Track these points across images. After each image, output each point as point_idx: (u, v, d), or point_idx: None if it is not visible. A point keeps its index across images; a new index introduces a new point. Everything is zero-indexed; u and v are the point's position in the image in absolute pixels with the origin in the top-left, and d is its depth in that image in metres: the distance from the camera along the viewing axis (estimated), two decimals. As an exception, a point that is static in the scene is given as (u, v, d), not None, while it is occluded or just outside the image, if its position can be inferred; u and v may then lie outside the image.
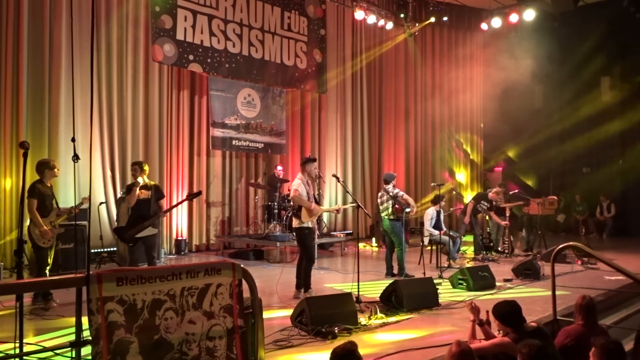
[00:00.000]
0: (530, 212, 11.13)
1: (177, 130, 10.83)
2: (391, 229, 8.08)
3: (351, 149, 14.20)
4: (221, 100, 11.29)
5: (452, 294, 6.89)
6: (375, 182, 14.89)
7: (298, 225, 6.55)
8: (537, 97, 17.26)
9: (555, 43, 15.82)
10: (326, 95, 13.56)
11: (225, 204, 11.61)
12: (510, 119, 15.85)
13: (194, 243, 11.01)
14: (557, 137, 16.54)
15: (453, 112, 16.79)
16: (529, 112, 16.36)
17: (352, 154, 14.22)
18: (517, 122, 16.11)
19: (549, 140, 16.52)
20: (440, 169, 16.32)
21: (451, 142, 16.68)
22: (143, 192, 6.32)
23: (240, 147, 11.63)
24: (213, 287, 3.14)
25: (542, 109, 16.97)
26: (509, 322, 3.82)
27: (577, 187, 15.85)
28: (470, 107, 17.34)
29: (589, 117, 15.50)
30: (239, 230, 11.74)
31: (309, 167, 6.64)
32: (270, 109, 12.21)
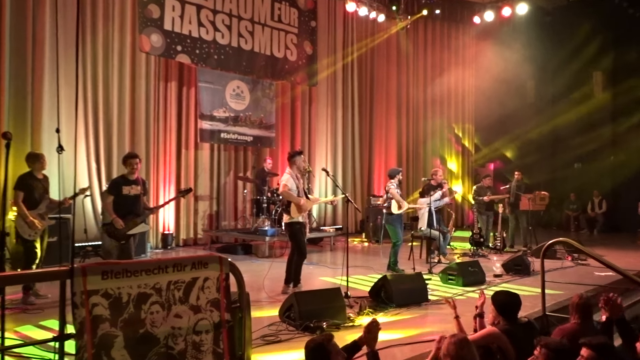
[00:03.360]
0: (521, 207, 11.22)
1: (165, 123, 10.76)
2: (387, 222, 8.27)
3: (341, 143, 14.21)
4: (209, 92, 11.23)
5: (442, 289, 6.94)
6: (366, 177, 14.93)
7: (289, 220, 6.56)
8: (529, 92, 17.37)
9: (548, 37, 15.92)
10: (316, 88, 13.54)
11: (213, 198, 11.57)
12: (502, 113, 15.94)
13: (181, 237, 10.98)
14: (548, 132, 16.67)
15: (445, 105, 16.86)
16: (521, 106, 16.48)
17: (342, 147, 14.23)
18: (509, 117, 16.22)
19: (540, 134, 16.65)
20: (431, 157, 16.37)
21: (443, 134, 16.76)
22: (134, 187, 6.27)
23: (229, 140, 11.59)
24: (200, 281, 3.13)
25: (534, 104, 17.10)
26: (505, 312, 3.89)
27: (568, 183, 16.01)
28: (462, 101, 17.43)
29: (580, 112, 15.64)
30: (227, 225, 11.72)
31: (297, 160, 6.64)
32: (259, 102, 12.17)
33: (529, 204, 10.95)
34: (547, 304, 5.42)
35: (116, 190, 6.15)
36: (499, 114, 15.92)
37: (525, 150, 16.87)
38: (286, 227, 6.77)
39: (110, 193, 6.18)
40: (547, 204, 11.83)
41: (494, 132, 17.32)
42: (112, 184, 6.30)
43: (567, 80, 15.92)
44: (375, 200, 12.54)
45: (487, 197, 10.74)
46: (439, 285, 7.24)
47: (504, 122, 16.45)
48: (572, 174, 16.18)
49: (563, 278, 7.33)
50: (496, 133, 17.26)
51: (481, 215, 10.94)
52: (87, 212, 9.45)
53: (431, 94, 16.36)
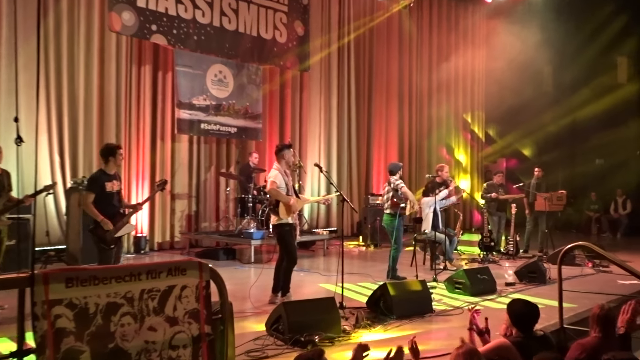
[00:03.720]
0: (536, 208, 11.28)
1: (138, 112, 10.73)
2: (388, 224, 8.26)
3: (336, 135, 14.22)
4: (188, 78, 11.20)
5: (447, 299, 6.97)
6: (363, 173, 14.95)
7: (277, 222, 6.55)
8: (546, 79, 17.46)
9: (567, 18, 15.98)
10: (309, 74, 13.54)
11: (192, 196, 11.56)
12: (515, 103, 16.01)
13: (156, 240, 10.95)
14: (567, 124, 16.76)
15: (452, 94, 16.92)
16: (537, 95, 16.55)
17: (337, 140, 14.24)
18: (523, 107, 16.29)
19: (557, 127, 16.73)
20: (437, 148, 16.42)
21: (450, 123, 16.81)
22: (115, 183, 6.20)
23: (210, 131, 11.56)
24: (177, 289, 3.12)
25: (551, 92, 17.18)
26: (520, 324, 3.91)
27: (588, 181, 16.10)
28: (471, 89, 17.49)
29: (603, 102, 15.72)
30: (207, 226, 11.70)
31: (285, 154, 6.64)
32: (244, 89, 12.15)
33: (544, 204, 11.01)
34: (565, 316, 5.45)
35: (99, 187, 6.04)
36: (512, 103, 15.99)
37: (541, 144, 16.99)
38: (274, 230, 6.77)
39: (92, 190, 6.03)
40: (564, 204, 11.89)
41: (506, 124, 17.40)
42: (93, 180, 6.12)
43: (588, 66, 16.00)
44: (373, 199, 12.57)
45: (494, 194, 10.79)
46: (445, 294, 7.26)
47: (517, 113, 16.53)
48: (593, 171, 16.29)
49: (583, 287, 7.37)
50: (509, 125, 17.35)
51: (492, 217, 10.98)
52: (50, 211, 9.40)
53: (437, 81, 16.40)
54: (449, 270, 8.78)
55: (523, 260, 9.41)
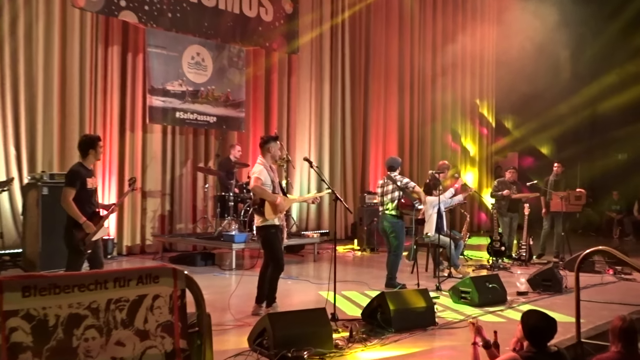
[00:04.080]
0: (552, 208, 11.34)
1: (104, 99, 10.68)
2: (391, 227, 8.26)
3: (328, 126, 14.22)
4: (162, 60, 11.15)
5: (452, 309, 7.00)
6: (359, 168, 14.97)
7: (261, 223, 6.55)
8: (564, 65, 17.53)
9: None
10: (298, 56, 13.52)
11: (166, 194, 11.52)
12: (529, 91, 16.08)
13: (125, 244, 10.92)
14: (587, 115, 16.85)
15: (458, 80, 16.95)
16: (553, 83, 16.62)
17: (329, 131, 14.24)
18: (537, 96, 16.36)
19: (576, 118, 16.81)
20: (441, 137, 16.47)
21: (456, 110, 16.84)
22: (94, 179, 6.19)
23: (186, 120, 11.53)
24: (148, 299, 3.12)
25: (569, 80, 17.25)
26: (534, 338, 3.92)
27: (610, 178, 16.20)
28: (480, 75, 17.54)
29: (627, 91, 15.80)
30: (183, 228, 11.68)
31: (271, 148, 6.62)
32: (225, 73, 12.12)
33: (561, 204, 11.06)
34: (583, 329, 5.49)
35: (81, 183, 6.00)
36: (525, 91, 16.06)
37: (557, 137, 17.07)
38: (258, 232, 6.76)
39: (73, 186, 5.96)
40: (583, 204, 11.96)
41: (519, 114, 17.50)
42: (75, 174, 6.04)
43: (611, 51, 16.06)
44: (370, 198, 12.59)
45: (506, 192, 10.84)
46: (449, 304, 7.29)
47: (530, 102, 16.62)
48: (615, 168, 16.39)
49: (603, 296, 7.41)
50: (521, 115, 17.45)
51: (502, 218, 11.03)
52: (4, 211, 9.35)
53: (441, 65, 16.44)
54: (454, 277, 8.81)
55: (537, 267, 9.48)
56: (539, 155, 17.73)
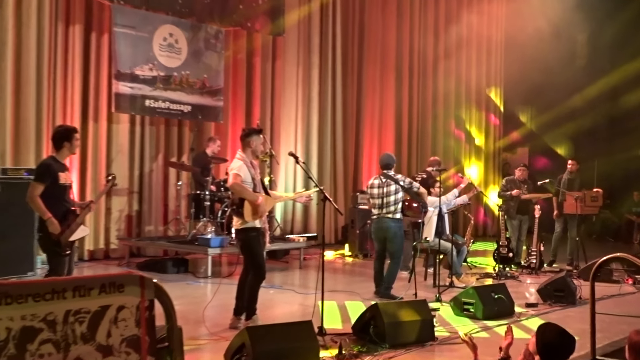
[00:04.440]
0: (566, 210, 11.38)
1: (64, 84, 10.63)
2: (394, 233, 8.35)
3: (317, 117, 14.22)
4: (130, 42, 11.10)
5: (454, 323, 7.03)
6: (351, 165, 14.97)
7: (241, 225, 6.55)
8: (580, 50, 17.60)
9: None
10: (284, 39, 13.50)
11: (134, 192, 11.49)
12: (541, 79, 16.13)
13: (87, 248, 10.87)
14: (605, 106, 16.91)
15: (463, 66, 16.99)
16: (568, 70, 16.67)
17: (318, 123, 14.24)
18: (550, 85, 16.41)
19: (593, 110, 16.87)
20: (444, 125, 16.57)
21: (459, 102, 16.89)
22: (67, 174, 6.17)
23: (157, 109, 11.49)
24: (112, 310, 3.11)
25: (586, 67, 17.32)
26: (548, 355, 3.94)
27: (630, 177, 16.28)
28: (487, 60, 17.59)
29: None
30: (152, 231, 11.65)
31: (253, 141, 6.62)
32: (201, 57, 12.08)
33: (576, 205, 11.08)
34: (598, 345, 5.52)
35: (52, 178, 5.98)
36: (537, 79, 16.11)
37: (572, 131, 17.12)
38: (237, 235, 6.76)
39: (43, 181, 5.94)
40: (600, 205, 12.00)
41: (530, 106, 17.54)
42: (45, 168, 6.04)
43: (632, 34, 16.12)
44: (363, 198, 12.59)
45: (515, 191, 10.88)
46: (451, 317, 7.32)
47: (543, 91, 16.67)
48: (636, 165, 16.48)
49: (621, 308, 7.47)
50: (532, 107, 17.49)
51: (511, 221, 11.08)
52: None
53: (444, 49, 16.47)
54: (456, 287, 8.83)
55: (548, 276, 9.52)
56: (551, 151, 17.79)
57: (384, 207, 8.37)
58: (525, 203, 11.17)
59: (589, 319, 5.39)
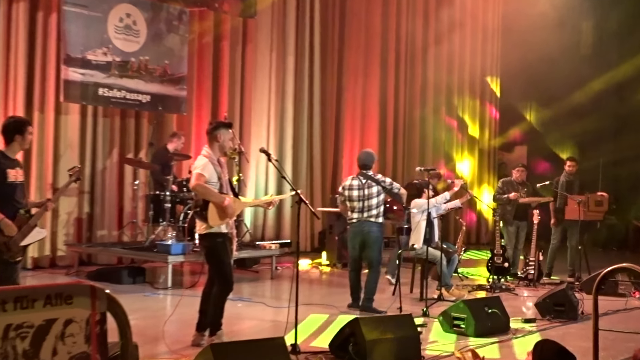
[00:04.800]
0: (567, 216, 11.40)
1: (6, 70, 10.59)
2: (375, 238, 8.40)
3: (292, 109, 14.22)
4: (82, 22, 11.04)
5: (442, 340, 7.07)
6: (330, 163, 14.99)
7: (205, 230, 6.52)
8: (585, 39, 17.74)
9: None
10: (255, 21, 13.49)
11: (85, 193, 11.43)
12: (542, 70, 16.24)
13: (30, 255, 10.78)
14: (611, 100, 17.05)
15: (455, 61, 17.06)
16: (571, 61, 16.80)
17: (293, 117, 14.25)
18: (552, 76, 16.53)
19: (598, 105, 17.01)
20: (433, 145, 16.61)
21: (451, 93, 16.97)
22: (19, 171, 6.14)
23: (112, 99, 11.43)
24: (58, 324, 3.10)
25: (592, 57, 17.46)
26: None
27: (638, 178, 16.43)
28: (482, 51, 17.68)
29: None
30: (105, 236, 11.60)
31: (221, 136, 6.60)
32: (163, 40, 12.04)
33: (578, 210, 11.09)
34: (601, 365, 5.59)
35: (1, 175, 5.96)
36: (538, 70, 16.22)
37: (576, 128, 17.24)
38: (202, 241, 6.74)
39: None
40: (605, 211, 12.07)
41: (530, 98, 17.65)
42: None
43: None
44: (342, 200, 12.62)
45: (513, 194, 10.93)
46: (439, 334, 7.35)
47: (544, 84, 16.78)
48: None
49: (626, 324, 7.55)
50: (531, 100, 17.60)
51: (507, 227, 11.13)
52: None
53: (435, 35, 16.55)
54: (445, 301, 8.85)
55: (547, 288, 9.60)
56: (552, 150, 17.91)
57: (365, 210, 8.39)
58: (523, 208, 11.22)
59: (591, 336, 5.45)
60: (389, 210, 8.45)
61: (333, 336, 6.38)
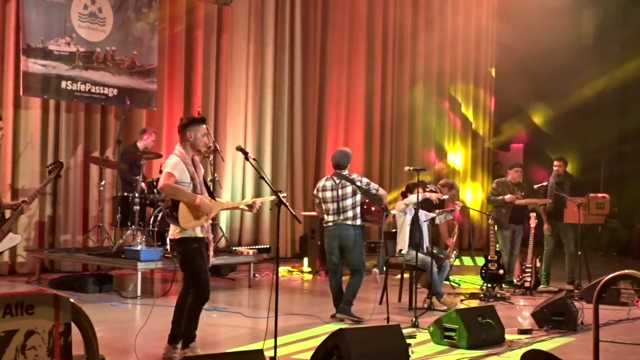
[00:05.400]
0: (565, 219, 11.43)
1: (-39, 60, 10.53)
2: (354, 242, 8.42)
3: (272, 104, 14.22)
4: (42, 10, 11.00)
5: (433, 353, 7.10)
6: (312, 163, 14.99)
7: (179, 235, 6.49)
8: (586, 30, 17.84)
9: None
10: (231, 9, 13.47)
11: (47, 194, 11.38)
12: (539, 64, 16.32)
13: (-13, 262, 10.79)
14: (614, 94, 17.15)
15: (447, 50, 17.11)
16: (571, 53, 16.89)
17: (273, 111, 14.24)
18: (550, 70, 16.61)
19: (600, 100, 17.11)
20: (423, 143, 16.66)
21: (442, 101, 17.04)
22: None
23: (76, 93, 11.39)
24: (19, 336, 3.11)
25: (592, 49, 17.56)
26: None
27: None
28: (476, 43, 17.75)
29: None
30: (69, 241, 11.56)
31: (192, 133, 6.58)
32: (131, 29, 12.01)
33: (578, 212, 11.13)
34: (602, 378, 5.63)
35: None
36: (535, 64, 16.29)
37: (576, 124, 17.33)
38: (174, 247, 6.72)
39: None
40: (607, 214, 12.12)
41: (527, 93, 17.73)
42: None
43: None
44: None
45: (509, 196, 10.96)
46: (430, 346, 7.38)
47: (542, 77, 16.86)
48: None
49: (629, 335, 7.61)
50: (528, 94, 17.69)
51: (502, 231, 11.18)
52: None
53: (424, 30, 16.60)
54: (436, 310, 8.91)
55: (545, 297, 9.63)
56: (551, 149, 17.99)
57: (340, 212, 8.41)
58: (520, 210, 11.23)
59: (592, 348, 5.50)
60: (367, 212, 8.44)
61: (316, 348, 6.39)
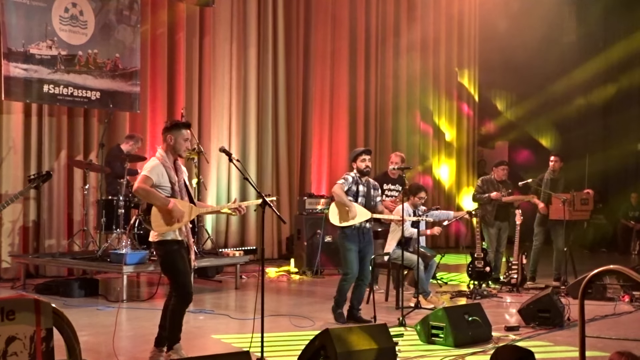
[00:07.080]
0: (551, 215, 11.49)
1: (-59, 65, 10.46)
2: None
3: (255, 105, 14.21)
4: (23, 13, 10.95)
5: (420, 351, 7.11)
6: (297, 163, 14.98)
7: (157, 237, 6.47)
8: (568, 25, 17.92)
9: None
10: (213, 10, 13.46)
11: (30, 199, 11.34)
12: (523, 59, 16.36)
13: (-29, 268, 10.73)
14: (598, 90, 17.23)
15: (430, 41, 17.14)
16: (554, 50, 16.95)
17: (257, 112, 14.24)
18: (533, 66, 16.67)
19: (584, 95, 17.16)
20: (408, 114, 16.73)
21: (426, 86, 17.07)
22: None
23: (59, 96, 11.34)
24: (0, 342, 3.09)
25: (575, 45, 17.63)
26: None
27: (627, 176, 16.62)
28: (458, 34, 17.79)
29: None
30: (54, 245, 11.51)
31: (172, 138, 6.52)
32: (112, 31, 11.98)
33: (563, 209, 11.18)
34: (589, 374, 5.64)
35: None
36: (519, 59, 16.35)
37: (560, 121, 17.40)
38: (155, 249, 6.69)
39: None
40: (592, 210, 12.17)
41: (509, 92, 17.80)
42: None
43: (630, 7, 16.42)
44: (313, 203, 12.62)
45: (495, 194, 10.98)
46: (417, 344, 7.39)
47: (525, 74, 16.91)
48: (633, 162, 16.82)
49: (616, 331, 7.64)
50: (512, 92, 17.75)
51: (488, 229, 11.21)
52: None
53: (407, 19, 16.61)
54: (423, 309, 8.91)
55: (531, 294, 9.66)
56: (535, 145, 18.07)
57: None
58: (505, 208, 11.28)
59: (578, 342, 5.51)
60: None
61: (302, 349, 6.38)
